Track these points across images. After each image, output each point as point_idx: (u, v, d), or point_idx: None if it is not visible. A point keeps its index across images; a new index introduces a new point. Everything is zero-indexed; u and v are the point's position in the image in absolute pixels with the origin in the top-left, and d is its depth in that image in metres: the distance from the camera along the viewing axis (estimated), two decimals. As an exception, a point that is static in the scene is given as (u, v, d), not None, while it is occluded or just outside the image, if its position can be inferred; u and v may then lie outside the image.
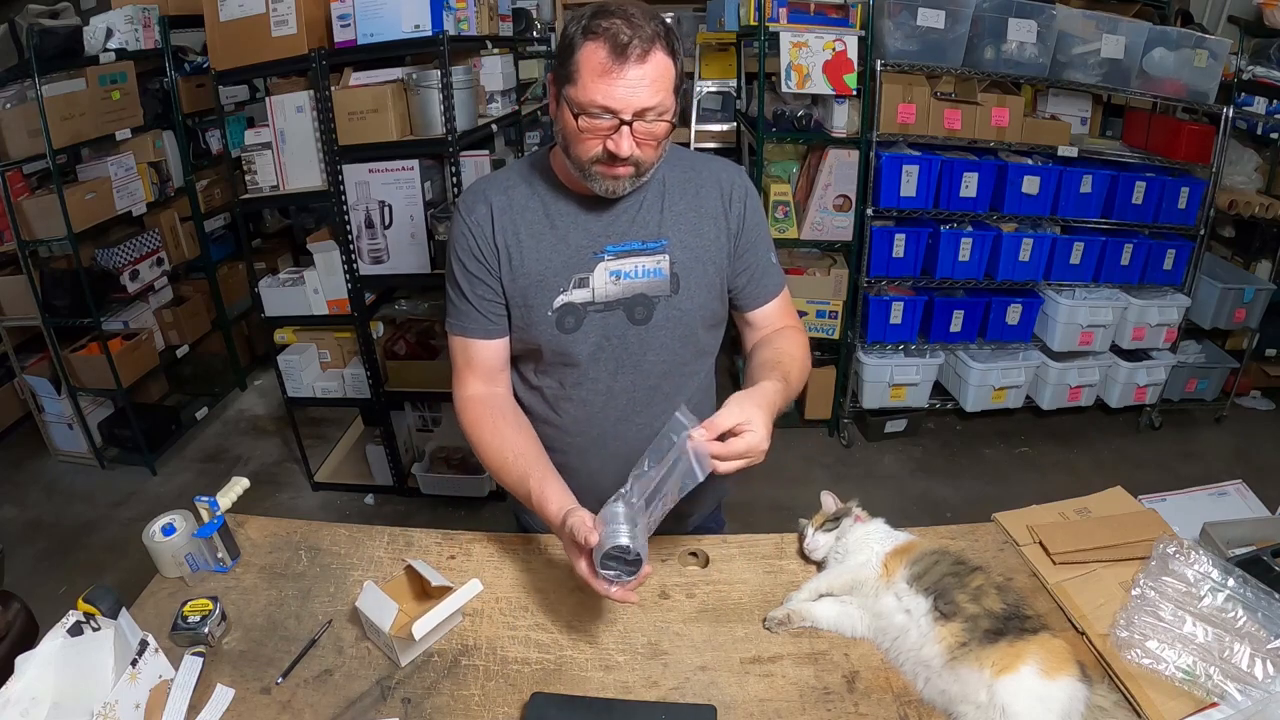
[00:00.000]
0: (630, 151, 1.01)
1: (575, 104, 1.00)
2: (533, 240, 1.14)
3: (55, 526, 2.94)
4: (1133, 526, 1.20)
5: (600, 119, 0.99)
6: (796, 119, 2.95)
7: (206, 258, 3.65)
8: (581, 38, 0.98)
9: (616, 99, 0.98)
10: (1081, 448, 3.28)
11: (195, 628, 1.06)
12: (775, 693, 1.00)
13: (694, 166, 1.20)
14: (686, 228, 1.16)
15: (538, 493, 1.09)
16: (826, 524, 1.18)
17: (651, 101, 0.99)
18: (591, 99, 0.98)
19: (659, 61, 0.98)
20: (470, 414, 1.20)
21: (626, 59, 0.96)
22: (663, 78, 0.99)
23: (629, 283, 1.14)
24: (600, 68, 0.97)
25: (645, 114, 1.00)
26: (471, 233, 1.15)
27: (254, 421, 3.67)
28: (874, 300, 3.05)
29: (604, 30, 0.96)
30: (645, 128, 1.01)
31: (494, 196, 1.16)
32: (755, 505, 2.87)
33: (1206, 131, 2.90)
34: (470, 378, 1.21)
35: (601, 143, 1.02)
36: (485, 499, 2.91)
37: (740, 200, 1.20)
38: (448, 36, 2.31)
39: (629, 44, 0.96)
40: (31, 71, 2.63)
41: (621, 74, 0.97)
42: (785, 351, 1.19)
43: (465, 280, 1.17)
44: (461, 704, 0.99)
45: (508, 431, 1.17)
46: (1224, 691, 0.94)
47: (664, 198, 1.16)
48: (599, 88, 0.98)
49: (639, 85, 0.98)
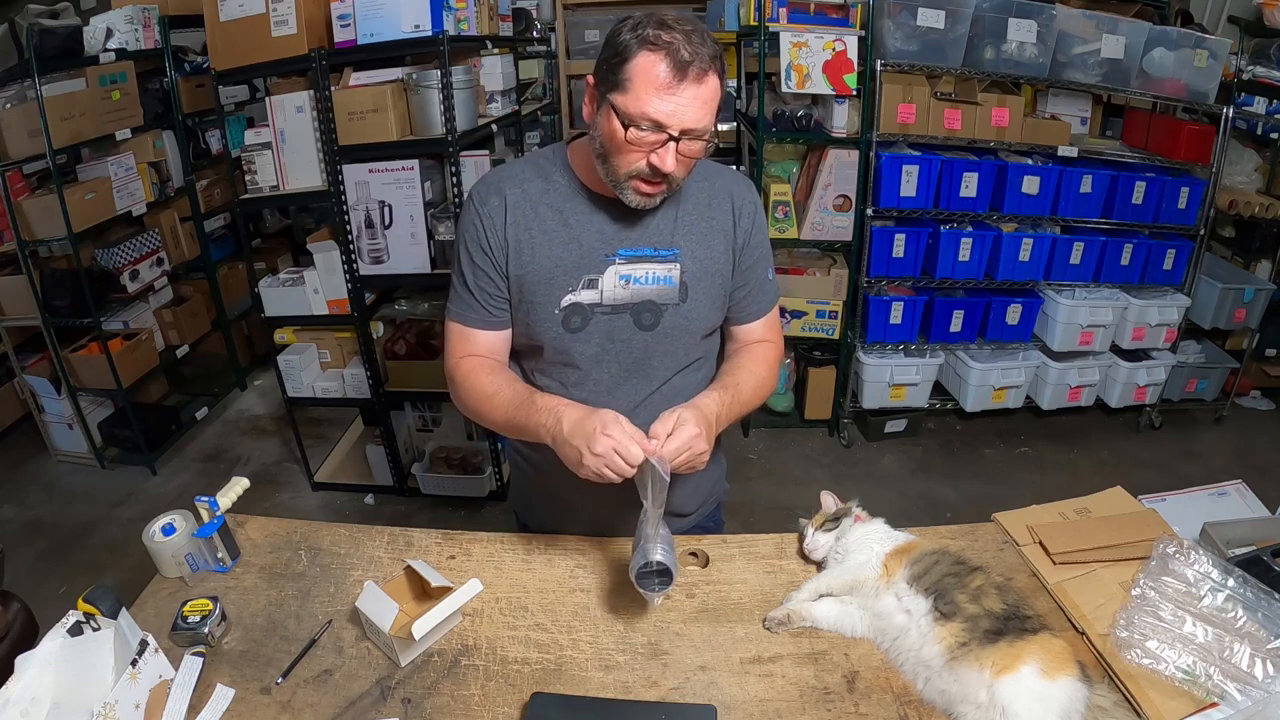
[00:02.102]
0: (673, 168, 1.01)
1: (625, 114, 0.99)
2: (544, 237, 1.13)
3: (55, 526, 2.94)
4: (1133, 526, 1.20)
5: (648, 133, 0.99)
6: (796, 119, 2.95)
7: (206, 258, 3.65)
8: (638, 47, 0.97)
9: (669, 115, 0.97)
10: (1081, 448, 3.28)
11: (195, 628, 1.06)
12: (775, 693, 1.00)
13: (708, 176, 1.19)
14: (698, 239, 1.16)
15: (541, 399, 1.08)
16: (826, 524, 1.19)
17: (701, 122, 0.99)
18: (644, 111, 0.98)
19: (713, 84, 0.99)
20: (461, 369, 1.18)
21: (685, 77, 0.96)
22: (713, 99, 1.00)
23: (638, 288, 1.14)
24: (658, 81, 0.96)
25: (691, 132, 1.00)
26: (482, 223, 1.14)
27: (254, 421, 3.67)
28: (874, 300, 3.05)
29: (665, 44, 0.96)
30: (688, 146, 1.01)
31: (509, 189, 1.15)
32: (755, 505, 2.87)
33: (1206, 131, 2.90)
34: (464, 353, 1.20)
35: (645, 157, 1.01)
36: (485, 499, 2.91)
37: (749, 217, 1.20)
38: (448, 36, 2.31)
39: (690, 63, 0.96)
40: (31, 71, 2.63)
41: (679, 91, 0.97)
42: (744, 367, 1.21)
43: (470, 270, 1.16)
44: (461, 704, 0.99)
45: (501, 373, 1.17)
46: (1224, 691, 0.94)
47: (679, 206, 1.16)
48: (654, 102, 0.97)
49: (693, 104, 0.98)
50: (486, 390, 1.14)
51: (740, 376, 1.18)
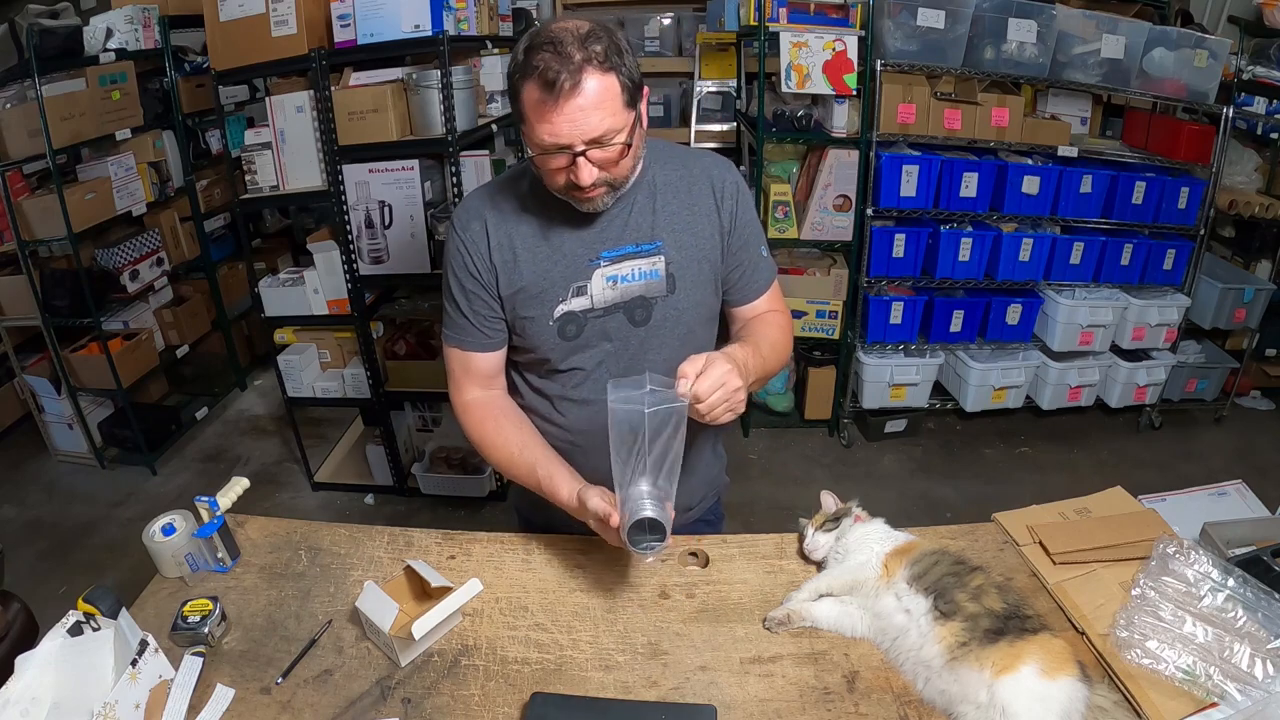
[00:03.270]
0: (591, 179, 1.01)
1: (529, 143, 1.01)
2: (528, 254, 1.14)
3: (55, 526, 2.94)
4: (1133, 526, 1.20)
5: (554, 155, 1.00)
6: (796, 119, 2.95)
7: (206, 258, 3.65)
8: (520, 79, 0.98)
9: (562, 135, 0.97)
10: (1081, 448, 3.28)
11: (195, 628, 1.06)
12: (775, 693, 1.00)
13: (685, 164, 1.19)
14: (680, 227, 1.16)
15: (547, 480, 1.15)
16: (826, 524, 1.19)
17: (599, 129, 0.97)
18: (539, 139, 0.99)
19: (594, 86, 0.95)
20: (472, 417, 1.24)
21: (560, 94, 0.94)
22: (604, 101, 0.97)
23: (626, 286, 1.15)
24: (537, 108, 0.97)
25: (599, 141, 0.99)
26: (467, 249, 1.16)
27: (254, 421, 3.67)
28: (874, 300, 3.05)
29: (534, 69, 0.95)
30: (601, 154, 1.01)
31: (486, 212, 1.16)
32: (755, 505, 2.87)
33: (1206, 131, 2.90)
34: (468, 384, 1.24)
35: (565, 174, 1.02)
36: (485, 499, 2.91)
37: (732, 197, 1.19)
38: (448, 36, 2.31)
39: (557, 79, 0.93)
40: (31, 71, 2.63)
41: (558, 110, 0.95)
42: (756, 332, 1.22)
43: (462, 297, 1.18)
44: (461, 704, 0.99)
45: (509, 429, 1.21)
46: (1224, 691, 0.94)
47: (655, 198, 1.16)
48: (542, 128, 0.98)
49: (578, 116, 0.96)
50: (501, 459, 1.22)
51: (756, 339, 1.17)
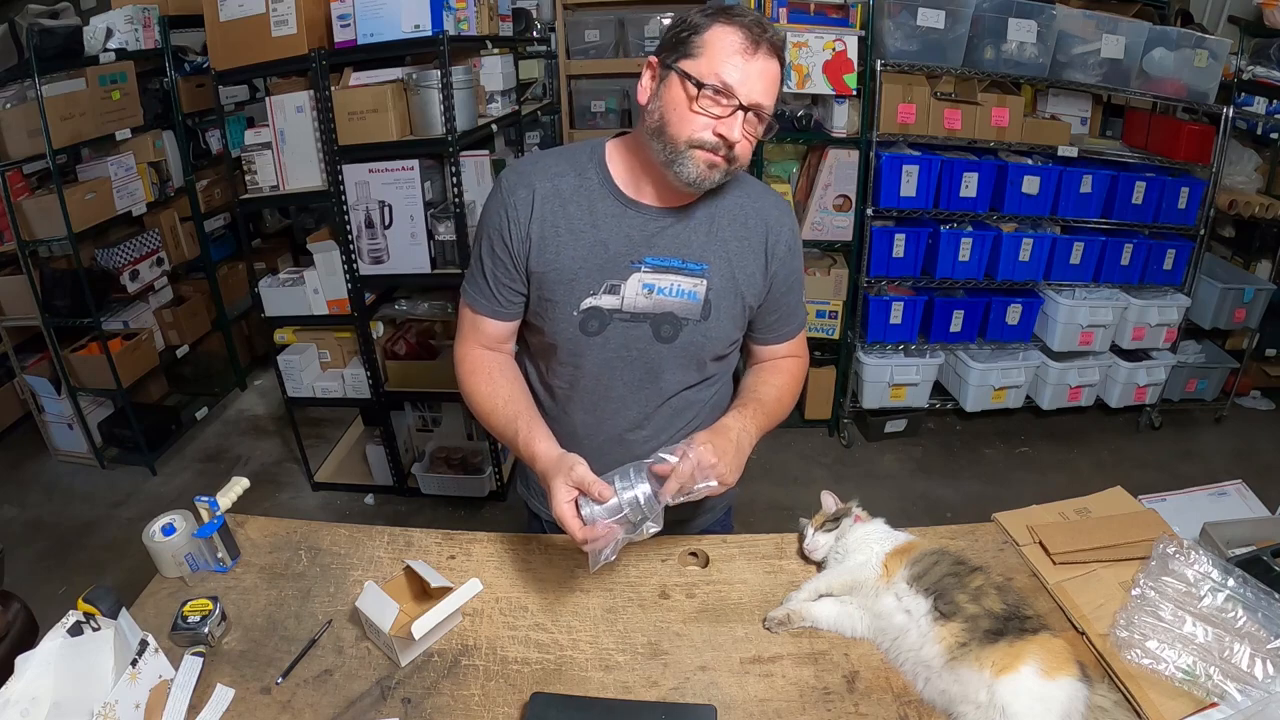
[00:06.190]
0: (739, 138, 1.02)
1: (697, 75, 1.00)
2: (571, 236, 1.11)
3: (55, 526, 2.93)
4: (1133, 526, 1.20)
5: (719, 99, 1.00)
6: (796, 119, 2.95)
7: (206, 258, 3.65)
8: (710, 21, 1.01)
9: (740, 83, 0.99)
10: (1081, 448, 3.28)
11: (195, 628, 1.06)
12: (775, 693, 1.00)
13: (749, 194, 1.17)
14: (729, 258, 1.14)
15: (525, 433, 1.11)
16: (826, 524, 1.18)
17: (767, 99, 1.02)
18: (717, 72, 0.99)
19: (776, 66, 1.02)
20: (467, 363, 1.22)
21: (759, 49, 1.00)
22: (778, 83, 1.03)
23: (661, 299, 1.12)
24: (734, 47, 0.99)
25: (758, 108, 1.01)
26: (506, 214, 1.12)
27: (254, 421, 3.67)
28: (874, 300, 3.05)
29: (738, 20, 1.00)
30: (752, 123, 1.03)
31: (539, 182, 1.12)
32: (755, 505, 2.87)
33: (1206, 131, 2.91)
34: (474, 341, 1.22)
35: (709, 126, 1.01)
36: (485, 499, 2.91)
37: (785, 245, 1.18)
38: (448, 36, 2.31)
39: (762, 37, 1.00)
40: (31, 71, 2.63)
41: (752, 60, 0.99)
42: (764, 380, 1.22)
43: (490, 259, 1.15)
44: (461, 704, 0.99)
45: (501, 381, 1.19)
46: (1224, 691, 0.94)
47: (713, 221, 1.14)
48: (727, 66, 0.99)
49: (763, 78, 1.01)
50: (484, 408, 1.18)
51: (760, 391, 1.19)
